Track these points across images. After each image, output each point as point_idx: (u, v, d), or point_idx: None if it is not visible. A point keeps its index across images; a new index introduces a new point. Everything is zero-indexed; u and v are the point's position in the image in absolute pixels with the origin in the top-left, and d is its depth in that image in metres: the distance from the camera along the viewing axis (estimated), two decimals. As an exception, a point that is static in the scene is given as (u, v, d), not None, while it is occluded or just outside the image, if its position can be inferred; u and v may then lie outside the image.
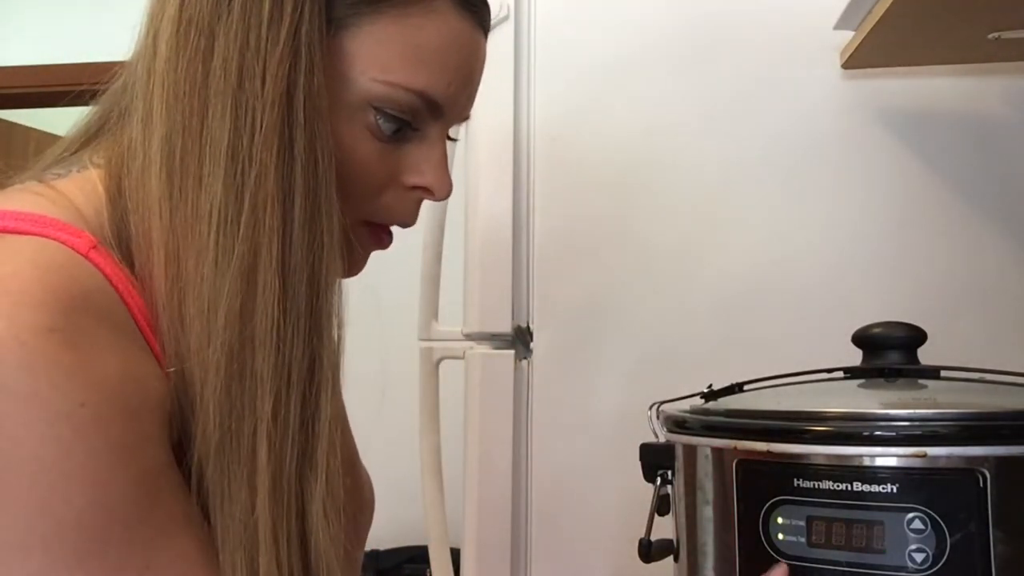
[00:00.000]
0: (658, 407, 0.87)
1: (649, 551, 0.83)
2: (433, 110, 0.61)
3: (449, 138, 0.66)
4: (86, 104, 0.66)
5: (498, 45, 1.26)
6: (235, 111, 0.54)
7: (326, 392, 0.56)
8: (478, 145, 1.26)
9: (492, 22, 0.67)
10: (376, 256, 0.71)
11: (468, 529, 1.23)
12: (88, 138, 0.63)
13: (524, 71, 1.26)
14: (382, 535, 1.85)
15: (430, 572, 1.30)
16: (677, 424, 0.82)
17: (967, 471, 0.67)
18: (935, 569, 0.66)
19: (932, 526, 0.66)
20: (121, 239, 0.56)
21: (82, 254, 0.52)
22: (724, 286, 1.20)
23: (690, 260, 1.21)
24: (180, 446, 0.55)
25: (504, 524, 1.22)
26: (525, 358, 1.25)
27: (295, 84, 0.55)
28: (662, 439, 0.85)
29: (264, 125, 0.54)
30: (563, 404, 1.23)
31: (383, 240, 0.65)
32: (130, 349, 0.52)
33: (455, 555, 1.27)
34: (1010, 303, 1.14)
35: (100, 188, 0.57)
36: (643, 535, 0.83)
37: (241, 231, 0.53)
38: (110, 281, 0.53)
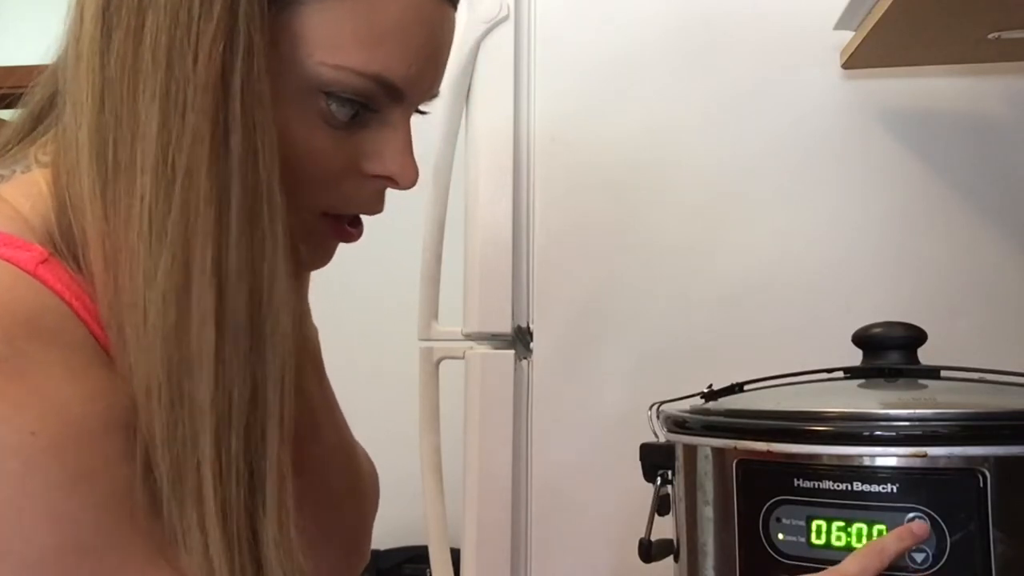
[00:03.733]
0: (658, 407, 0.87)
1: (649, 551, 0.83)
2: (392, 94, 0.55)
3: (419, 111, 0.60)
4: None
5: (498, 45, 1.26)
6: (165, 96, 0.48)
7: (274, 420, 0.51)
8: (478, 145, 1.26)
9: (492, 22, 0.65)
10: (376, 256, 0.70)
11: (468, 529, 1.23)
12: (28, 130, 0.57)
13: (524, 71, 1.26)
14: (382, 535, 1.85)
15: (430, 572, 1.30)
16: (677, 424, 0.82)
17: (967, 471, 0.67)
18: (935, 569, 0.66)
19: (932, 526, 0.66)
20: (71, 245, 0.51)
21: (28, 271, 0.48)
22: (724, 286, 1.20)
23: (690, 260, 1.21)
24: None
25: (504, 524, 1.22)
26: (525, 358, 1.25)
27: (231, 66, 0.49)
28: (662, 439, 0.85)
29: (196, 112, 0.48)
30: (563, 404, 1.23)
31: (346, 233, 0.59)
32: (88, 368, 0.48)
33: (455, 555, 1.27)
34: (1010, 303, 1.14)
35: (46, 190, 0.52)
36: (643, 535, 0.83)
37: (169, 236, 0.48)
38: (61, 297, 0.49)
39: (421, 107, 0.60)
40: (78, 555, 0.46)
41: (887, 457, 0.68)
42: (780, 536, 0.71)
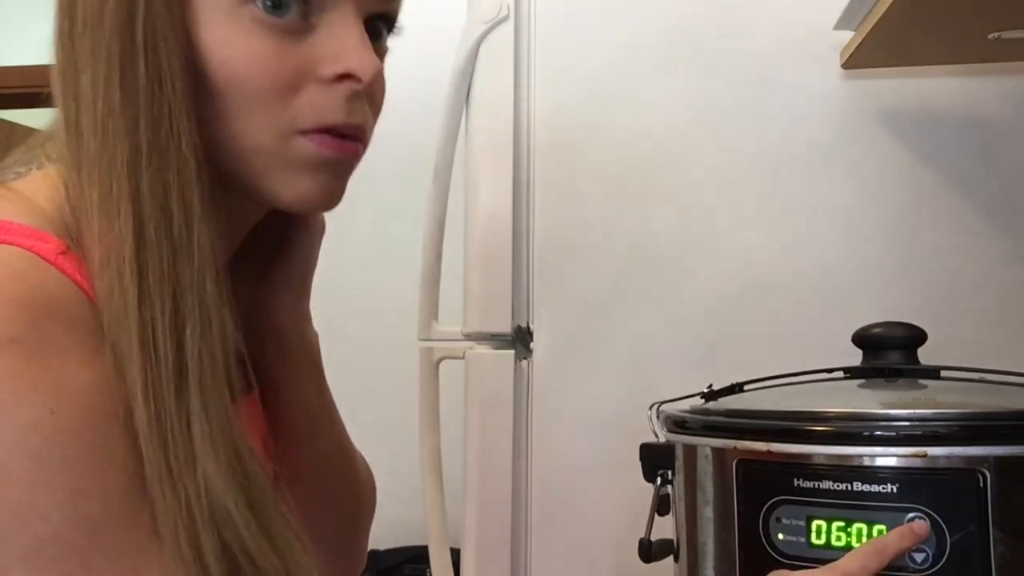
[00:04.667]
0: (658, 407, 0.87)
1: (649, 551, 0.83)
2: None
3: (384, 21, 0.59)
4: None
5: (498, 45, 1.26)
6: (92, 56, 0.53)
7: (195, 316, 0.52)
8: (478, 145, 1.26)
9: (492, 22, 0.64)
10: (376, 256, 0.70)
11: (468, 529, 1.24)
12: (49, 134, 0.60)
13: (524, 71, 1.26)
14: (382, 535, 1.86)
15: (430, 572, 1.30)
16: (677, 424, 0.82)
17: (967, 471, 0.67)
18: (935, 569, 0.66)
19: (932, 526, 0.66)
20: (83, 237, 0.53)
21: (49, 260, 0.50)
22: (724, 286, 1.20)
23: (690, 260, 1.21)
24: None
25: (504, 524, 1.22)
26: (525, 358, 1.25)
27: (135, 8, 0.52)
28: (662, 439, 0.85)
29: (113, 58, 0.52)
30: (563, 404, 1.23)
31: (331, 144, 0.57)
32: (102, 354, 0.50)
33: (455, 555, 1.27)
34: (1010, 303, 1.14)
35: (59, 184, 0.55)
36: (643, 535, 0.83)
37: (101, 167, 0.52)
38: (79, 286, 0.51)
39: (382, 12, 0.58)
40: (91, 532, 0.47)
41: (887, 457, 0.68)
42: (780, 536, 0.71)
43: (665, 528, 0.85)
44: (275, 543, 0.53)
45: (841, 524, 0.68)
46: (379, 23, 0.58)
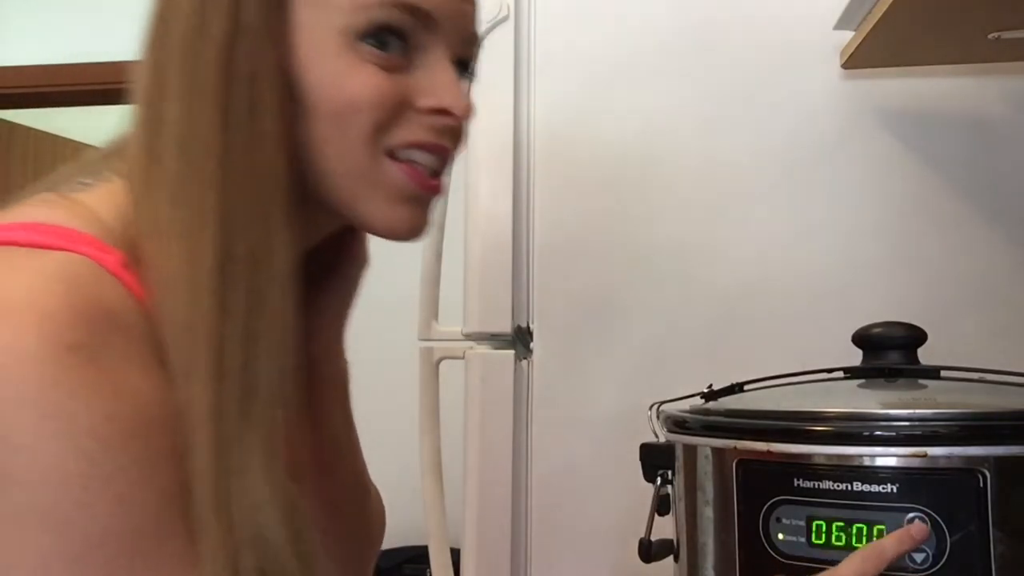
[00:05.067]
0: (658, 407, 0.87)
1: (649, 551, 0.83)
2: (423, 21, 0.59)
3: (463, 65, 0.63)
4: (86, 104, 0.65)
5: (498, 45, 1.26)
6: (181, 85, 0.55)
7: (269, 337, 0.55)
8: (478, 145, 1.26)
9: (492, 22, 0.66)
10: (376, 256, 0.70)
11: (468, 529, 1.24)
12: (110, 152, 0.63)
13: (524, 71, 1.26)
14: (382, 535, 1.85)
15: (430, 572, 1.30)
16: (677, 424, 0.82)
17: (967, 471, 0.67)
18: (935, 569, 0.66)
19: (932, 526, 0.66)
20: (141, 249, 0.56)
21: (111, 271, 0.52)
22: (724, 286, 1.20)
23: (690, 260, 1.21)
24: None
25: (504, 524, 1.22)
26: (525, 358, 1.25)
27: (234, 44, 0.55)
28: (662, 439, 0.85)
29: (207, 87, 0.55)
30: (563, 404, 1.23)
31: (419, 178, 0.61)
32: (156, 366, 0.52)
33: (455, 555, 1.27)
34: (1010, 303, 1.14)
35: (123, 199, 0.57)
36: (643, 535, 0.83)
37: (187, 192, 0.54)
38: (139, 299, 0.53)
39: (464, 56, 0.63)
40: (137, 537, 0.49)
41: (887, 457, 0.68)
42: (780, 536, 0.71)
43: (665, 528, 0.85)
44: (310, 571, 0.55)
45: (841, 524, 0.68)
46: (459, 67, 0.63)
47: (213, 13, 0.55)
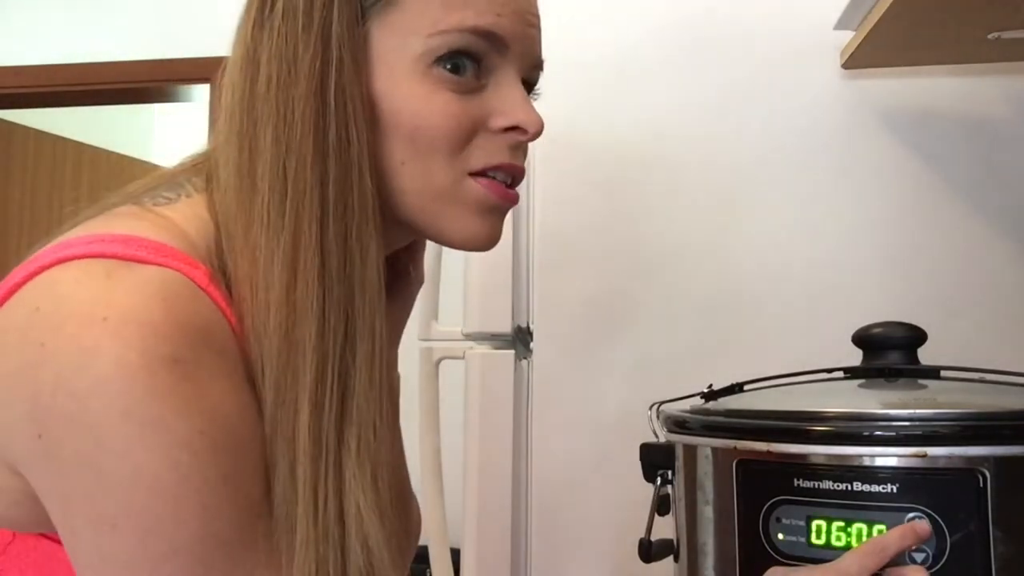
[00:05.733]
0: (658, 407, 0.87)
1: (649, 551, 0.83)
2: (496, 44, 0.62)
3: (527, 84, 0.66)
4: (86, 104, 0.66)
5: (498, 45, 1.26)
6: (276, 117, 0.58)
7: (363, 356, 0.58)
8: (478, 145, 1.26)
9: None
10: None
11: (468, 529, 1.23)
12: (188, 167, 0.65)
13: (524, 71, 1.26)
14: (382, 535, 1.85)
15: (430, 572, 1.30)
16: (677, 424, 0.82)
17: (967, 471, 0.67)
18: (935, 569, 0.66)
19: (932, 526, 0.66)
20: (225, 267, 0.58)
21: (202, 287, 0.54)
22: (724, 286, 1.20)
23: (690, 260, 1.21)
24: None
25: (504, 524, 1.22)
26: (525, 358, 1.25)
27: (327, 77, 0.58)
28: (662, 439, 0.85)
29: (300, 121, 0.57)
30: (563, 404, 1.23)
31: (497, 190, 0.64)
32: (243, 382, 0.54)
33: (455, 555, 1.27)
34: (1010, 303, 1.14)
35: (206, 214, 0.60)
36: (643, 535, 0.83)
37: (287, 222, 0.56)
38: (224, 314, 0.55)
39: (530, 79, 0.66)
40: (217, 547, 0.51)
41: (887, 457, 0.68)
42: (780, 536, 0.71)
43: (665, 528, 0.84)
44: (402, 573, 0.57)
45: (841, 524, 0.68)
46: (524, 87, 0.66)
47: (304, 47, 0.58)
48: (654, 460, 0.85)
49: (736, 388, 0.85)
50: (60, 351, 0.49)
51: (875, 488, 0.67)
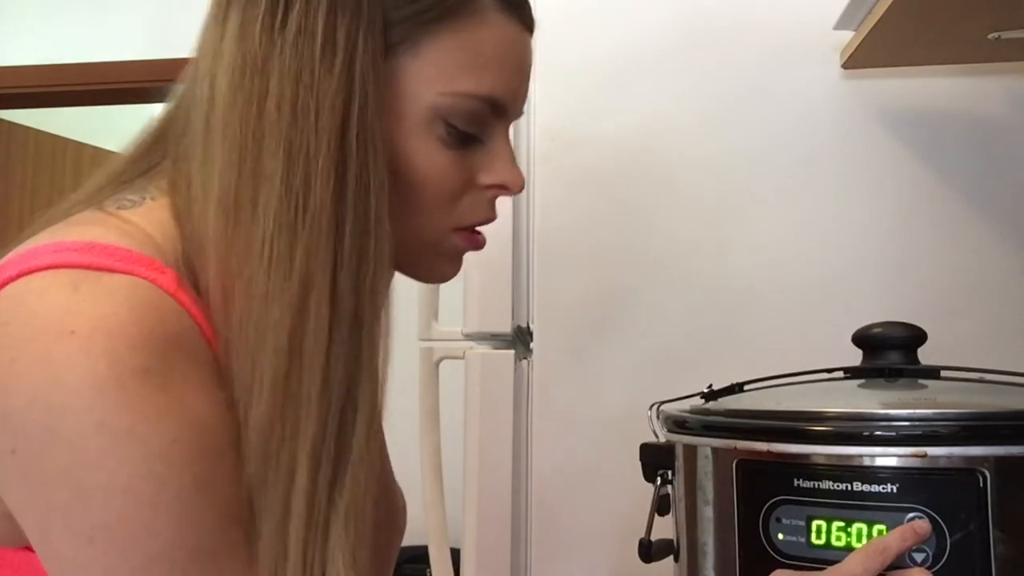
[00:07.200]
0: (658, 407, 0.87)
1: (649, 551, 0.83)
2: (498, 112, 0.63)
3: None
4: (86, 104, 0.65)
5: (498, 45, 1.25)
6: (289, 147, 0.55)
7: (364, 407, 0.57)
8: (478, 145, 1.26)
9: None
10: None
11: (468, 529, 1.23)
12: (148, 168, 0.63)
13: (524, 71, 1.26)
14: (382, 535, 1.85)
15: (430, 572, 1.30)
16: (677, 424, 0.82)
17: (967, 471, 0.67)
18: (935, 569, 0.66)
19: (932, 526, 0.66)
20: (192, 272, 0.57)
21: (170, 293, 0.53)
22: (724, 286, 1.20)
23: (690, 260, 1.21)
24: None
25: (504, 524, 1.22)
26: (525, 358, 1.25)
27: (350, 115, 0.56)
28: (662, 439, 0.85)
29: (321, 157, 0.55)
30: (563, 404, 1.23)
31: (477, 241, 0.67)
32: (214, 386, 0.54)
33: (455, 555, 1.27)
34: (1010, 303, 1.14)
35: (170, 221, 0.58)
36: (643, 535, 0.83)
37: (296, 262, 0.54)
38: (195, 320, 0.54)
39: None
40: (194, 555, 0.51)
41: (887, 457, 0.68)
42: (780, 536, 0.71)
43: (665, 528, 0.84)
44: None
45: (841, 524, 0.68)
46: None
47: (324, 76, 0.55)
48: (654, 460, 0.85)
49: (736, 388, 0.85)
50: (31, 366, 0.49)
51: (875, 488, 0.67)
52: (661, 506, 0.84)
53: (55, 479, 0.49)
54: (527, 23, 0.66)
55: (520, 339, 1.26)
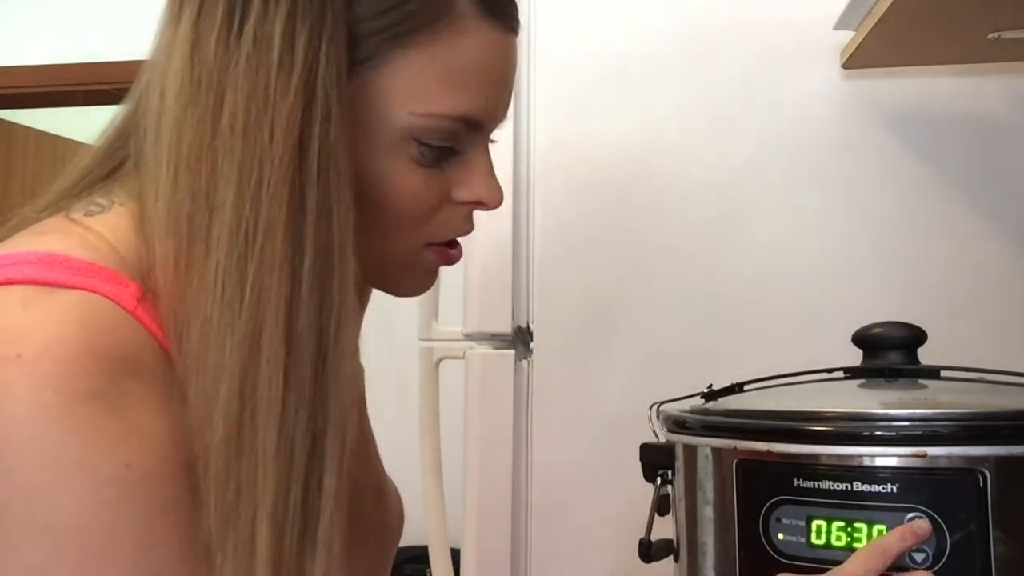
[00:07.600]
0: (658, 407, 0.87)
1: (649, 551, 0.83)
2: (474, 128, 0.59)
3: (490, 141, 0.64)
4: (86, 104, 0.63)
5: (498, 45, 1.25)
6: (241, 168, 0.51)
7: (332, 463, 0.53)
8: (478, 145, 1.26)
9: None
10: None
11: (468, 529, 1.23)
12: (113, 168, 0.60)
13: (524, 73, 1.26)
14: (382, 535, 1.85)
15: (430, 572, 1.30)
16: (677, 424, 0.82)
17: (967, 471, 0.67)
18: (935, 569, 0.66)
19: (932, 526, 0.66)
20: (155, 287, 0.53)
21: (128, 310, 0.50)
22: (724, 286, 1.20)
23: (690, 260, 1.21)
24: None
25: (504, 524, 1.22)
26: (525, 358, 1.25)
27: (308, 135, 0.51)
28: (662, 439, 0.85)
29: (272, 181, 0.50)
30: (563, 404, 1.23)
31: (450, 256, 0.64)
32: (177, 407, 0.51)
33: (455, 555, 1.27)
34: (1010, 303, 1.14)
35: (132, 231, 0.55)
36: (643, 535, 0.83)
37: (246, 298, 0.50)
38: (155, 337, 0.51)
39: (492, 135, 0.64)
40: None
41: (887, 457, 0.68)
42: (780, 536, 0.71)
43: (665, 528, 0.84)
44: None
45: (841, 524, 0.68)
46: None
47: (281, 91, 0.51)
48: (654, 460, 0.85)
49: (736, 388, 0.85)
50: None
51: (875, 488, 0.67)
52: (661, 506, 0.84)
53: (2, 514, 0.46)
54: (511, 25, 0.60)
55: (520, 339, 1.26)
